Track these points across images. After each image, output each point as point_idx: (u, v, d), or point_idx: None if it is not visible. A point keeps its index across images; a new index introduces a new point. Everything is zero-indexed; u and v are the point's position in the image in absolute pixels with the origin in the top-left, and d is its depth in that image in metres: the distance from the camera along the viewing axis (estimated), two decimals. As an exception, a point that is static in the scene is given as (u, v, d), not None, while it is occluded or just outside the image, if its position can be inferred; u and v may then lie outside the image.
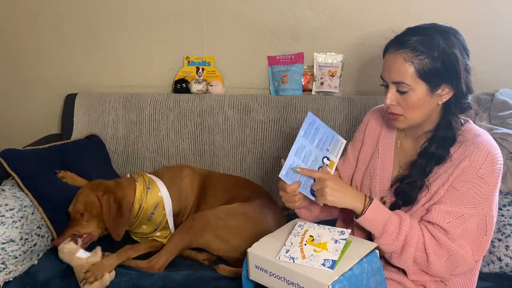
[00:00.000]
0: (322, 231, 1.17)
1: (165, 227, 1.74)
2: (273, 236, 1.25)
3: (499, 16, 2.04)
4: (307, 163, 1.25)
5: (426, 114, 1.18)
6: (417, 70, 1.13)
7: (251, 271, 1.20)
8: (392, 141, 1.34)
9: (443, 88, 1.16)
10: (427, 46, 1.13)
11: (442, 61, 1.13)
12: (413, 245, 1.16)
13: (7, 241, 1.50)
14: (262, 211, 1.70)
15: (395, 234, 1.16)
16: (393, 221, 1.17)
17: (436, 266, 1.16)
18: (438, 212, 1.16)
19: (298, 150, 1.23)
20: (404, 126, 1.22)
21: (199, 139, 2.12)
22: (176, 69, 2.24)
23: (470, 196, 1.14)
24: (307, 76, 2.18)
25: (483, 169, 1.13)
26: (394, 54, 1.15)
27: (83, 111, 2.18)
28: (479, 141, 1.16)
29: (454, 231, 1.14)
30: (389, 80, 1.17)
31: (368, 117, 1.43)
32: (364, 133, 1.41)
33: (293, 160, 1.23)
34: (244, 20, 2.15)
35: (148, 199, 1.71)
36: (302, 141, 1.24)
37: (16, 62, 2.33)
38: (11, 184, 1.70)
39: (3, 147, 1.73)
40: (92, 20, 2.23)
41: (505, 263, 1.51)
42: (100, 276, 1.46)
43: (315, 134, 1.26)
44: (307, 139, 1.25)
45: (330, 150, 1.30)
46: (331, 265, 1.06)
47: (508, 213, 1.56)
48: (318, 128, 1.27)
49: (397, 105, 1.18)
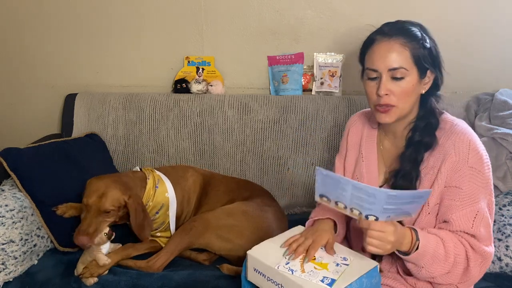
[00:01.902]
0: (324, 254, 1.18)
1: (166, 228, 1.74)
2: (274, 241, 1.25)
3: (499, 16, 2.04)
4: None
5: (413, 103, 1.20)
6: (412, 55, 1.15)
7: (249, 273, 1.20)
8: (374, 143, 1.35)
9: (428, 76, 1.19)
10: (414, 34, 1.17)
11: (429, 49, 1.17)
12: (462, 260, 1.13)
13: (7, 242, 1.50)
14: (262, 209, 1.71)
15: (445, 256, 1.12)
16: (439, 243, 1.12)
17: (474, 272, 1.14)
18: (457, 219, 1.14)
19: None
20: (393, 119, 1.20)
21: (199, 139, 2.12)
22: (176, 69, 2.24)
23: (474, 189, 1.15)
24: (307, 76, 2.18)
25: (471, 159, 1.14)
26: (388, 41, 1.17)
27: (83, 111, 2.18)
28: (458, 129, 1.18)
29: (480, 232, 1.14)
30: (384, 68, 1.16)
31: (349, 123, 1.44)
32: (347, 140, 1.42)
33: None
34: (244, 20, 2.15)
35: (156, 198, 1.70)
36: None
37: (16, 62, 2.33)
38: (11, 184, 1.70)
39: (3, 147, 1.73)
40: (92, 20, 2.23)
41: (505, 263, 1.51)
42: (97, 273, 1.50)
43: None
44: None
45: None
46: (330, 283, 1.06)
47: (508, 213, 1.56)
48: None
49: (391, 95, 1.17)
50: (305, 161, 2.06)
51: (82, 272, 1.50)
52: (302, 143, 2.06)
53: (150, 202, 1.69)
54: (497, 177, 1.66)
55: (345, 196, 1.08)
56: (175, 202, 1.74)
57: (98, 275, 1.51)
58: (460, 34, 2.06)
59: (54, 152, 1.82)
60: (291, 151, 2.07)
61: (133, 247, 1.64)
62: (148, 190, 1.69)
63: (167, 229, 1.74)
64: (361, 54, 1.26)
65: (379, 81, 1.18)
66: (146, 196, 1.68)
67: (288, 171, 2.07)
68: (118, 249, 1.61)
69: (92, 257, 1.52)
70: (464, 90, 2.12)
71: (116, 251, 1.60)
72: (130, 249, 1.63)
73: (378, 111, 1.21)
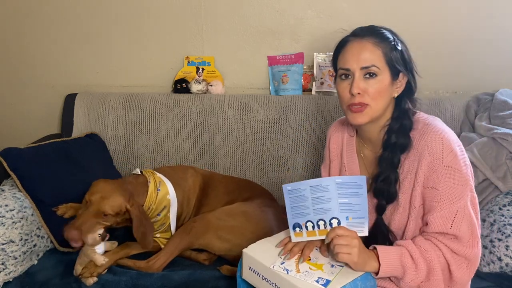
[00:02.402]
0: (319, 255, 1.18)
1: (166, 230, 1.74)
2: (270, 241, 1.25)
3: (499, 16, 2.04)
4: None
5: (385, 105, 1.20)
6: (384, 54, 1.16)
7: (244, 271, 1.20)
8: (353, 152, 1.34)
9: (400, 79, 1.20)
10: (386, 36, 1.18)
11: (400, 51, 1.18)
12: (437, 266, 1.13)
13: (7, 242, 1.50)
14: (262, 209, 1.71)
15: (414, 265, 1.13)
16: (404, 254, 1.14)
17: (459, 275, 1.14)
18: (435, 221, 1.14)
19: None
20: (366, 120, 1.19)
21: (199, 139, 2.12)
22: (176, 69, 2.24)
23: (451, 188, 1.13)
24: (307, 76, 2.18)
25: (445, 158, 1.13)
26: (360, 41, 1.18)
27: (83, 111, 2.18)
28: (430, 129, 1.16)
29: (461, 232, 1.12)
30: (357, 67, 1.17)
31: (329, 133, 1.43)
32: (329, 149, 1.41)
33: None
34: (244, 20, 2.15)
35: (158, 201, 1.70)
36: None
37: (16, 62, 2.33)
38: (11, 184, 1.70)
39: (3, 147, 1.73)
40: (92, 20, 2.23)
41: (505, 263, 1.51)
42: (96, 273, 1.51)
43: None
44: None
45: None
46: (325, 283, 1.06)
47: (508, 213, 1.56)
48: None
49: (364, 94, 1.17)
50: (305, 161, 2.06)
51: (82, 272, 1.50)
52: (302, 143, 2.06)
53: (153, 205, 1.69)
54: (497, 177, 1.66)
55: (308, 208, 1.15)
56: (176, 203, 1.74)
57: (97, 274, 1.51)
58: (460, 34, 2.07)
59: (54, 152, 1.82)
60: (291, 151, 2.07)
61: (131, 246, 1.64)
62: (150, 194, 1.69)
63: (167, 230, 1.74)
64: (334, 57, 1.26)
65: (351, 80, 1.18)
66: (148, 200, 1.68)
67: (288, 171, 2.07)
68: (116, 248, 1.61)
69: (88, 258, 1.52)
70: (464, 90, 2.13)
71: (114, 250, 1.60)
72: (128, 248, 1.63)
73: (351, 111, 1.19)
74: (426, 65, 1.23)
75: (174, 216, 1.74)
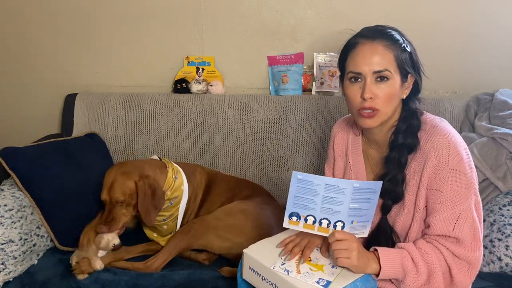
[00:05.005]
0: (320, 255, 1.18)
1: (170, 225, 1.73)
2: (271, 241, 1.25)
3: (499, 16, 2.04)
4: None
5: (394, 108, 1.19)
6: (395, 57, 1.14)
7: (244, 271, 1.20)
8: (359, 151, 1.34)
9: (409, 80, 1.19)
10: (395, 38, 1.16)
11: (409, 53, 1.17)
12: (438, 269, 1.12)
13: (6, 242, 1.50)
14: (262, 207, 1.71)
15: (414, 268, 1.12)
16: (405, 257, 1.13)
17: (460, 279, 1.13)
18: (437, 223, 1.13)
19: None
20: (377, 124, 1.18)
21: (199, 139, 2.12)
22: (176, 69, 2.24)
23: (455, 191, 1.13)
24: (307, 76, 2.18)
25: (451, 161, 1.12)
26: (371, 43, 1.15)
27: (83, 111, 2.18)
28: (437, 131, 1.16)
29: (462, 235, 1.12)
30: (369, 71, 1.14)
31: (334, 132, 1.41)
32: (334, 148, 1.40)
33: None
34: (244, 20, 2.15)
35: (174, 189, 1.70)
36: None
37: (16, 62, 2.33)
38: (10, 183, 1.70)
39: (3, 147, 1.73)
40: (92, 20, 2.23)
41: (505, 263, 1.50)
42: (87, 272, 1.52)
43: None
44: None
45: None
46: (325, 284, 1.06)
47: (508, 213, 1.56)
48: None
49: (375, 98, 1.15)
50: (305, 161, 2.06)
51: (74, 268, 1.52)
52: (302, 143, 2.06)
53: (169, 191, 1.69)
54: (497, 177, 1.66)
55: (315, 203, 1.12)
56: (187, 196, 1.75)
57: (88, 273, 1.52)
58: (460, 34, 2.07)
59: (54, 152, 1.82)
60: (291, 151, 2.07)
61: (126, 250, 1.65)
62: (169, 178, 1.69)
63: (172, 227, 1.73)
64: (341, 58, 1.24)
65: (363, 84, 1.15)
66: (167, 183, 1.68)
67: (288, 171, 2.07)
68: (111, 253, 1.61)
69: (87, 255, 1.53)
70: (464, 90, 2.13)
71: (109, 254, 1.60)
72: (122, 252, 1.63)
73: (362, 116, 1.17)
74: (425, 65, 1.22)
75: (183, 208, 1.74)
